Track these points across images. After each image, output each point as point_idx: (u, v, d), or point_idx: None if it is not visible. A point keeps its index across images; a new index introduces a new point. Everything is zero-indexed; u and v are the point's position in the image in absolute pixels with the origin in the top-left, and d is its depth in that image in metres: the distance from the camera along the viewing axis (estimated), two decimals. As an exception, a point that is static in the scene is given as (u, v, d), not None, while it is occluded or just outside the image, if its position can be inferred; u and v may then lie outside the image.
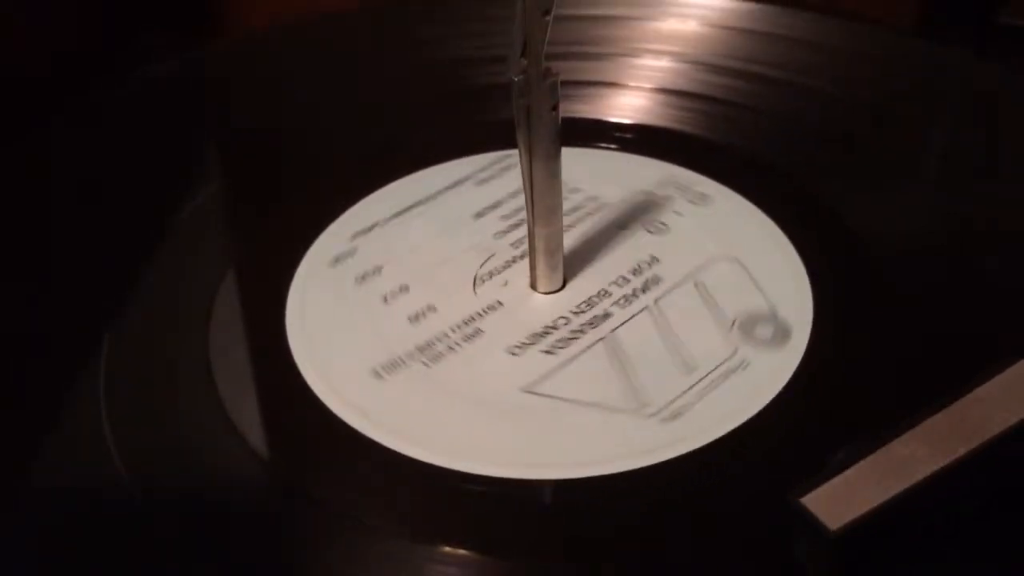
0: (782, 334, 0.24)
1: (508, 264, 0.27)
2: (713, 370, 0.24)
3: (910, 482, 0.19)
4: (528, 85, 0.23)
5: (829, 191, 0.29)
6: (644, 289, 0.26)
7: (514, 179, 0.25)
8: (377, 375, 0.24)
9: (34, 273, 0.28)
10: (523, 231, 0.28)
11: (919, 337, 0.24)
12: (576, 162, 0.29)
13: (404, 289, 0.27)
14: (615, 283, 0.26)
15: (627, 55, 0.35)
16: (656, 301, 0.26)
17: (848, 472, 0.19)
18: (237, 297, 0.27)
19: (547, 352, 0.25)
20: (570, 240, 0.27)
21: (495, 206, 0.29)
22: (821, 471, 0.19)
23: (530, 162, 0.24)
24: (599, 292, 0.26)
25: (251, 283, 0.27)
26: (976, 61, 0.34)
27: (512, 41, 0.23)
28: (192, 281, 0.27)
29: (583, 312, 0.25)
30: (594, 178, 0.30)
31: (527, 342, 0.25)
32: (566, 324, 0.25)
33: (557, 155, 0.24)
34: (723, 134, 0.31)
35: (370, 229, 0.29)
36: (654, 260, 0.27)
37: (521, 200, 0.25)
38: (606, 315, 0.25)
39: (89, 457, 0.23)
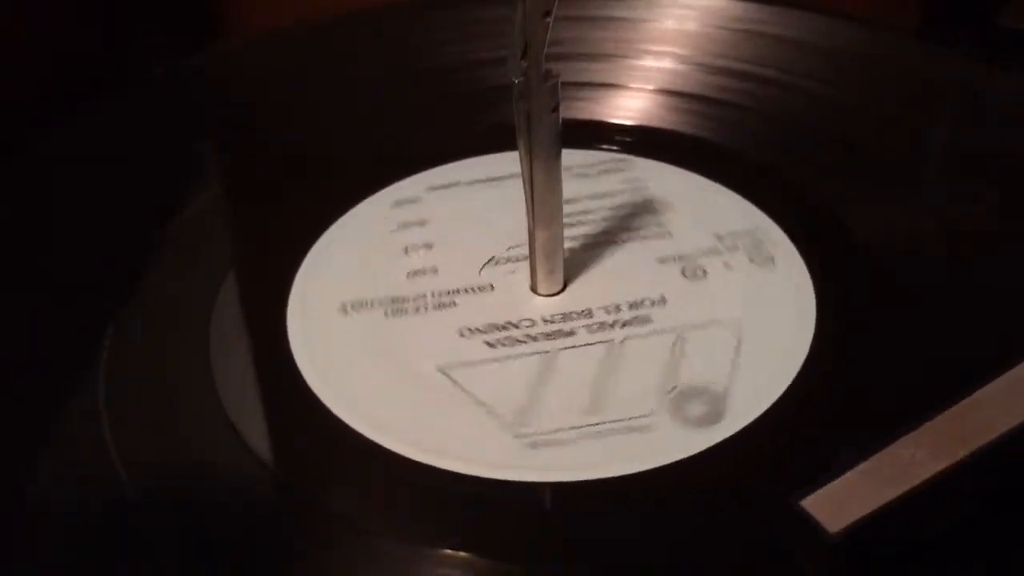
0: (712, 418, 0.23)
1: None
2: (615, 420, 0.23)
3: (911, 485, 0.19)
4: (528, 87, 0.23)
5: (829, 191, 0.29)
6: (624, 324, 0.25)
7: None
8: (344, 311, 0.25)
9: (34, 275, 0.28)
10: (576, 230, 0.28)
11: (920, 339, 0.24)
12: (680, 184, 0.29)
13: (427, 247, 0.28)
14: (605, 308, 0.26)
15: (628, 56, 0.35)
16: (623, 340, 0.25)
17: (848, 475, 0.19)
18: (238, 298, 0.27)
19: (489, 344, 0.25)
20: (609, 252, 0.27)
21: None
22: (821, 474, 0.19)
23: (530, 164, 0.24)
24: (583, 311, 0.26)
25: (252, 284, 0.27)
26: (977, 62, 0.34)
27: (512, 43, 0.23)
28: (192, 282, 0.27)
29: (552, 323, 0.25)
30: (683, 204, 0.29)
31: (480, 329, 0.25)
32: (529, 327, 0.25)
33: (557, 157, 0.24)
34: (723, 135, 0.31)
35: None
36: (661, 301, 0.26)
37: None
38: (570, 333, 0.25)
39: (89, 458, 0.23)
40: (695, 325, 0.25)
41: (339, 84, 0.35)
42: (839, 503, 0.19)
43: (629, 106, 0.33)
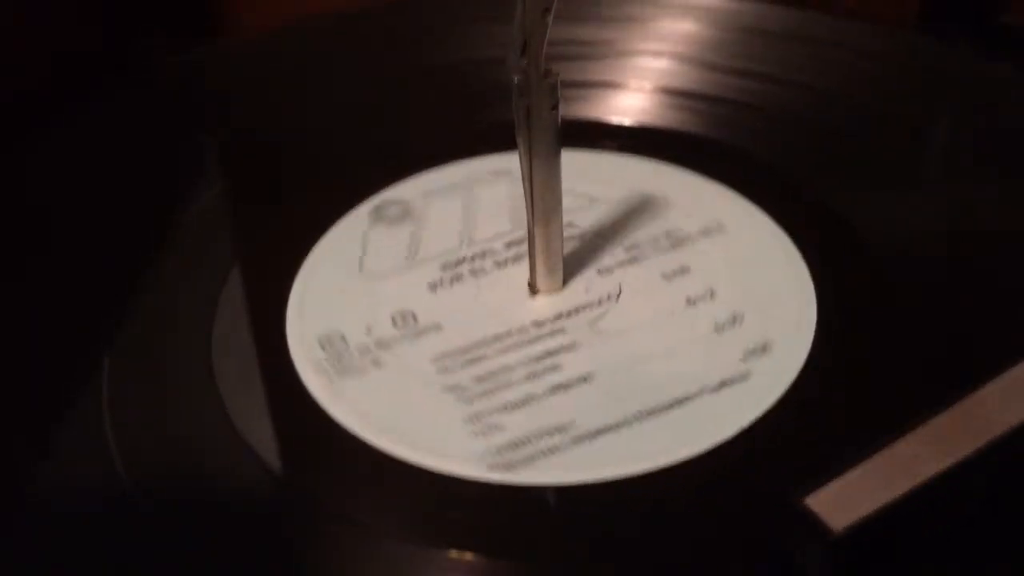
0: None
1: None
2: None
3: (914, 482, 0.19)
4: (528, 85, 0.23)
5: (829, 190, 0.29)
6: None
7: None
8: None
9: (35, 275, 0.28)
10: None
11: (922, 336, 0.24)
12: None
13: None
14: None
15: (628, 55, 0.35)
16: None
17: (852, 472, 0.19)
18: (240, 298, 0.27)
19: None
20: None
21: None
22: (825, 472, 0.19)
23: (530, 162, 0.24)
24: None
25: (254, 284, 0.27)
26: (977, 60, 0.34)
27: (512, 41, 0.23)
28: (194, 282, 0.27)
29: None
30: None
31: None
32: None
33: (557, 155, 0.24)
34: (723, 134, 0.31)
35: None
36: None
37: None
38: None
39: (91, 458, 0.23)
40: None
41: (339, 83, 0.35)
42: (843, 501, 0.19)
43: (628, 104, 0.33)
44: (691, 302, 0.26)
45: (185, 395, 0.24)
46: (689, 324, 0.25)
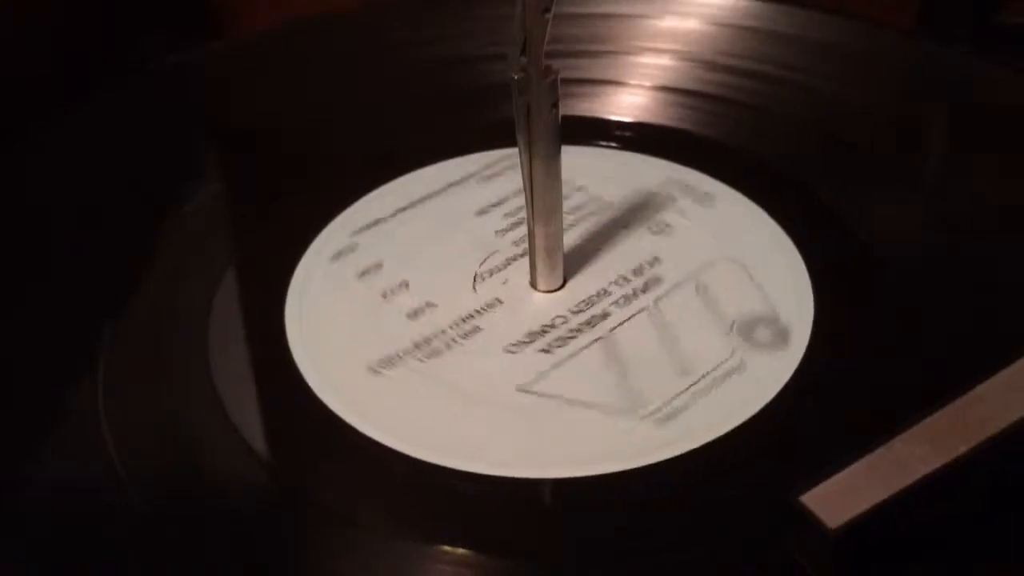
0: (781, 337, 0.24)
1: (509, 262, 0.27)
2: (710, 372, 0.24)
3: (910, 481, 0.19)
4: (528, 83, 0.23)
5: (829, 190, 0.29)
6: (644, 289, 0.26)
7: (518, 177, 0.25)
8: (374, 371, 0.24)
9: (33, 273, 0.28)
10: (526, 229, 0.27)
11: (919, 334, 0.24)
12: (579, 160, 0.29)
13: (404, 286, 0.27)
14: (615, 283, 0.26)
15: (628, 53, 0.35)
16: (656, 302, 0.26)
17: (848, 471, 0.19)
18: (237, 295, 0.27)
19: (544, 351, 0.24)
20: (571, 239, 0.27)
21: (498, 203, 0.29)
22: (821, 470, 0.19)
23: (530, 161, 0.24)
24: (599, 291, 0.26)
25: (251, 281, 0.27)
26: (976, 61, 0.34)
27: (512, 39, 0.23)
28: (192, 280, 0.27)
29: (582, 311, 0.25)
30: (597, 177, 0.30)
31: (525, 340, 0.25)
32: (564, 323, 0.25)
33: (557, 154, 0.24)
34: (723, 132, 0.31)
35: (370, 226, 0.29)
36: (656, 260, 0.27)
37: (523, 198, 0.25)
38: (604, 315, 0.25)
39: (88, 455, 0.23)
40: (700, 268, 0.26)
41: (338, 82, 0.35)
42: (839, 499, 0.19)
43: (628, 103, 0.33)
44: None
45: (183, 392, 0.24)
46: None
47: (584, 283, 0.26)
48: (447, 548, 0.20)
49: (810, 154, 0.30)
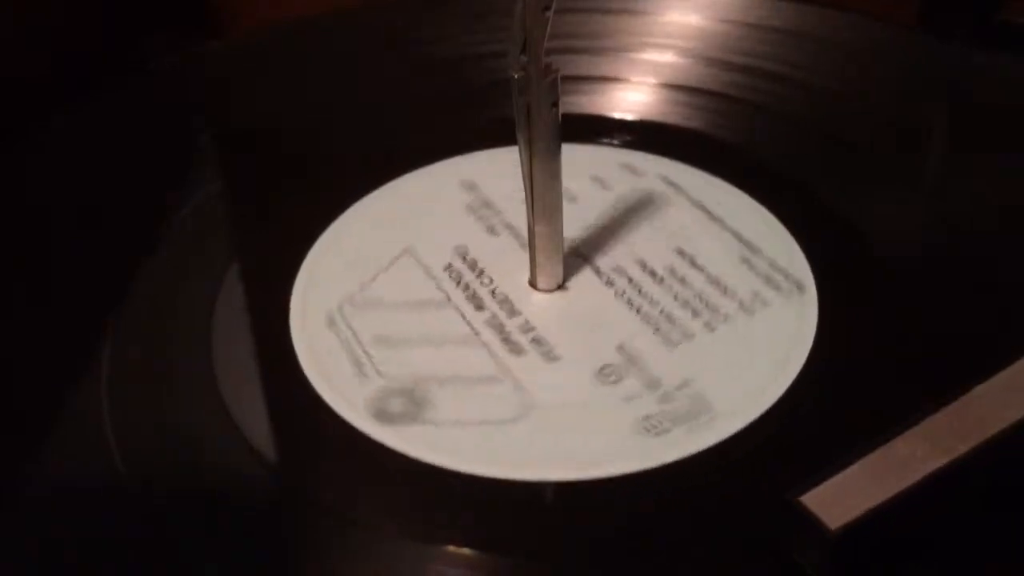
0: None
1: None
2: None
3: (910, 481, 0.19)
4: (528, 82, 0.23)
5: (830, 187, 0.29)
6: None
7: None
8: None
9: (34, 274, 0.28)
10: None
11: (919, 334, 0.24)
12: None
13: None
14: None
15: (629, 50, 0.35)
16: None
17: (848, 471, 0.19)
18: (240, 296, 0.27)
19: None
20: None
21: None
22: (821, 470, 0.19)
23: (530, 160, 0.24)
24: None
25: (254, 282, 0.27)
26: (976, 58, 0.34)
27: (512, 38, 0.23)
28: (194, 281, 0.27)
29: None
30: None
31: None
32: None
33: (557, 152, 0.24)
34: (723, 130, 0.31)
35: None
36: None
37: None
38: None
39: (88, 455, 0.23)
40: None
41: (338, 80, 0.35)
42: (838, 499, 0.18)
43: (630, 100, 0.33)
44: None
45: (187, 393, 0.24)
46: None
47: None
48: (448, 548, 0.20)
49: (811, 151, 0.30)
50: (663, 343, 0.24)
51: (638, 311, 0.25)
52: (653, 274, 0.26)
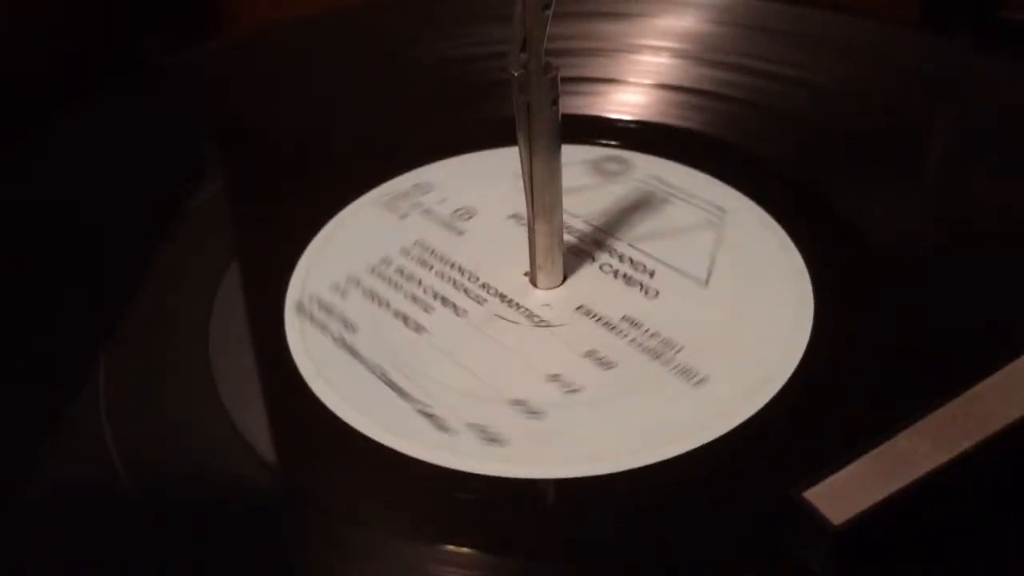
0: None
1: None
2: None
3: (913, 477, 0.19)
4: (528, 80, 0.23)
5: (829, 187, 0.29)
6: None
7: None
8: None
9: (34, 273, 0.28)
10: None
11: (921, 330, 0.24)
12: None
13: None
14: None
15: (628, 51, 0.35)
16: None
17: (851, 467, 0.19)
18: (238, 295, 0.27)
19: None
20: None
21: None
22: (824, 466, 0.19)
23: (530, 158, 0.24)
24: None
25: (252, 281, 0.27)
26: (977, 56, 0.34)
27: (512, 36, 0.23)
28: (192, 280, 0.27)
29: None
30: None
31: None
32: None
33: (557, 151, 0.24)
34: (723, 130, 0.31)
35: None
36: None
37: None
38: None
39: (88, 456, 0.23)
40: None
41: (338, 80, 0.35)
42: (842, 495, 0.18)
43: (628, 101, 0.33)
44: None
45: (185, 393, 0.24)
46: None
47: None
48: (449, 548, 0.20)
49: (811, 151, 0.30)
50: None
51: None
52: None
